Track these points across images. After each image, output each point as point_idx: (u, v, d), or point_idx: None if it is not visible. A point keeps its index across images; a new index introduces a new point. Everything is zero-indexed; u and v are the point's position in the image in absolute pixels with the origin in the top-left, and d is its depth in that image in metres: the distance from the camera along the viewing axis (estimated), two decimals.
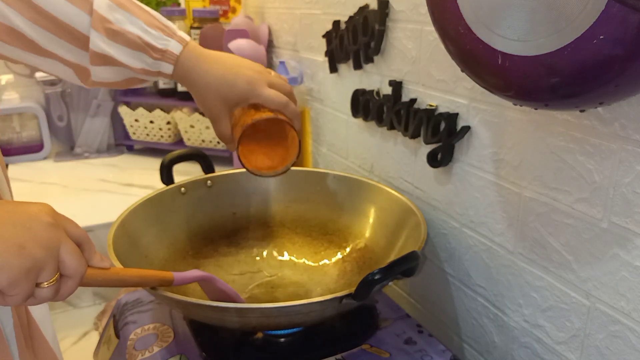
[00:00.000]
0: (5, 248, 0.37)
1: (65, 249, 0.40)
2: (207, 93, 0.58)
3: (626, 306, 0.49)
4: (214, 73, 0.57)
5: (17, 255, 0.37)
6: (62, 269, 0.41)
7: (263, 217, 0.83)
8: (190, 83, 0.58)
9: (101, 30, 0.52)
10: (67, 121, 1.47)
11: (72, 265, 0.41)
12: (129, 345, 0.64)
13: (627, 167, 0.46)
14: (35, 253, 0.38)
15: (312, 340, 0.63)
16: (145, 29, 0.54)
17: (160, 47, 0.55)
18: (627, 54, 0.36)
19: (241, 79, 0.57)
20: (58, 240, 0.40)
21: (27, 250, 0.38)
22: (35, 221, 0.39)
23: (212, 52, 0.59)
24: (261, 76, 0.58)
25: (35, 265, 0.38)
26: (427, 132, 0.70)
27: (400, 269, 0.52)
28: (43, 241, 0.39)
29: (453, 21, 0.47)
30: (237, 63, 0.58)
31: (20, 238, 0.38)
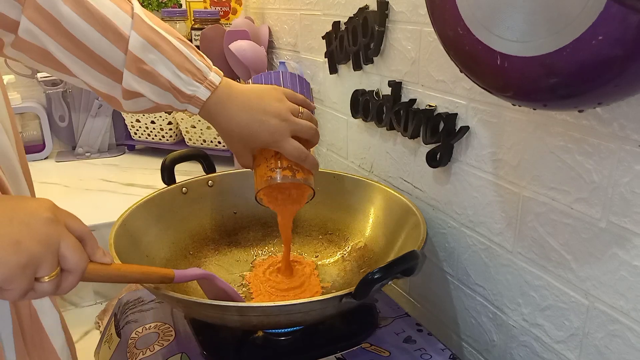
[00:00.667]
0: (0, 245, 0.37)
1: (66, 244, 0.41)
2: (231, 137, 0.58)
3: (625, 305, 0.49)
4: (239, 121, 0.57)
5: (12, 251, 0.37)
6: (63, 264, 0.41)
7: (264, 217, 0.84)
8: (215, 125, 0.58)
9: (134, 70, 0.52)
10: (68, 121, 1.48)
11: (73, 260, 0.41)
12: (130, 344, 0.65)
13: (625, 167, 0.47)
14: (32, 248, 0.38)
15: (312, 339, 0.63)
16: (176, 73, 0.53)
17: (188, 93, 0.55)
18: (626, 54, 0.36)
19: (265, 129, 0.57)
20: (58, 235, 0.40)
21: (23, 246, 0.38)
22: (34, 217, 0.39)
23: (239, 95, 0.57)
24: (285, 125, 0.57)
25: (32, 261, 0.38)
26: (427, 132, 0.70)
27: (399, 269, 0.52)
28: (41, 237, 0.39)
29: (452, 22, 0.47)
30: (263, 108, 0.57)
31: (17, 234, 0.38)
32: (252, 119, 0.57)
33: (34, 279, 0.39)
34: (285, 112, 0.58)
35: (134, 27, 0.51)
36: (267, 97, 0.58)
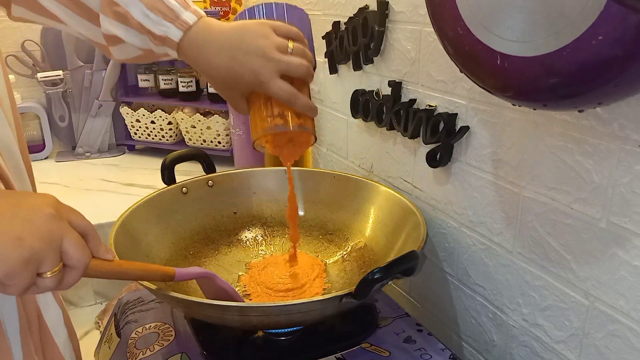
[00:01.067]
0: (2, 240, 0.37)
1: (68, 240, 0.41)
2: (215, 82, 0.55)
3: (625, 305, 0.49)
4: (218, 63, 0.53)
5: (14, 247, 0.37)
6: (66, 260, 0.41)
7: (264, 217, 0.84)
8: (196, 69, 0.55)
9: (109, 13, 0.51)
10: (68, 121, 1.48)
11: (75, 256, 0.41)
12: (130, 344, 0.65)
13: (625, 167, 0.47)
14: (34, 245, 0.38)
15: (312, 339, 0.63)
16: (145, 12, 0.51)
17: (158, 34, 0.52)
18: (626, 54, 0.36)
19: (247, 70, 0.52)
20: (60, 231, 0.40)
21: (25, 242, 0.38)
22: (37, 213, 0.39)
23: (218, 36, 0.53)
24: (270, 64, 0.52)
25: (34, 257, 0.38)
26: (427, 132, 0.70)
27: (399, 269, 0.52)
28: (44, 233, 0.39)
29: (452, 22, 0.47)
30: (244, 48, 0.52)
31: (19, 230, 0.38)
32: (232, 61, 0.52)
33: (36, 274, 0.39)
34: (270, 49, 0.52)
35: None
36: (249, 35, 0.53)
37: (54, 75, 1.39)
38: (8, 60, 1.38)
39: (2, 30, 1.38)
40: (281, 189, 0.85)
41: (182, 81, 1.35)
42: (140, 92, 1.46)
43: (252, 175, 0.85)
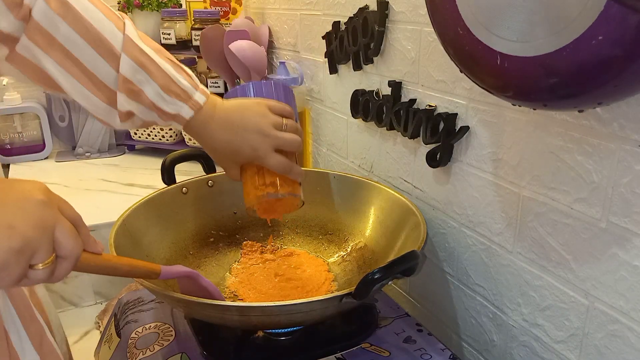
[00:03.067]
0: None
1: (61, 228, 0.39)
2: (215, 154, 0.60)
3: (625, 305, 0.49)
4: (221, 139, 0.58)
5: (6, 236, 0.35)
6: (58, 250, 0.39)
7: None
8: (199, 142, 0.60)
9: (124, 91, 0.54)
10: (68, 121, 1.48)
11: (68, 245, 0.39)
12: (130, 344, 0.65)
13: (625, 167, 0.47)
14: (27, 233, 0.36)
15: (312, 339, 0.63)
16: (160, 94, 0.55)
17: (171, 113, 0.56)
18: (626, 54, 0.36)
19: (247, 146, 0.57)
20: (53, 219, 0.38)
21: (17, 230, 0.36)
22: (28, 200, 0.37)
23: (222, 114, 0.58)
24: (267, 140, 0.58)
25: (28, 246, 0.37)
26: (427, 132, 0.70)
27: (399, 268, 0.52)
28: (36, 221, 0.37)
29: (452, 22, 0.47)
30: (244, 125, 0.58)
31: (10, 218, 0.36)
32: (233, 137, 0.57)
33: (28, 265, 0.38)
34: (268, 127, 0.58)
35: (123, 49, 0.52)
36: (249, 114, 0.58)
37: None
38: None
39: None
40: None
41: None
42: None
43: None
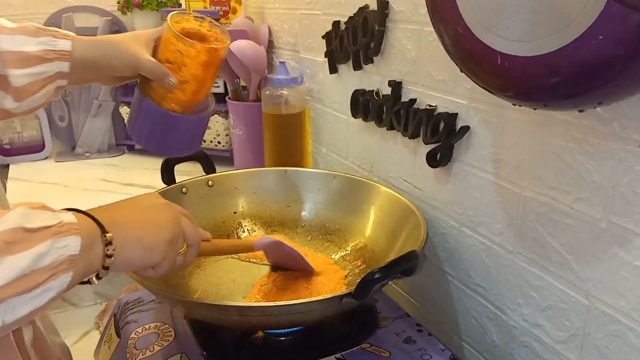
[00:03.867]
0: (150, 230, 0.45)
1: (185, 222, 0.49)
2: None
3: (626, 306, 0.49)
4: None
5: (159, 232, 0.46)
6: (186, 239, 0.49)
7: (263, 217, 0.84)
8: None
9: None
10: (68, 121, 1.47)
11: (192, 234, 0.50)
12: (130, 344, 0.65)
13: (626, 167, 0.47)
14: (171, 227, 0.47)
15: (312, 339, 0.63)
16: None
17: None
18: (627, 54, 0.36)
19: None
20: (178, 215, 0.49)
21: (164, 227, 0.46)
22: (159, 205, 0.48)
23: None
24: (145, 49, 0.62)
25: (174, 237, 0.47)
26: (427, 132, 0.70)
27: (399, 269, 0.52)
28: (172, 218, 0.47)
29: (452, 22, 0.47)
30: None
31: (156, 219, 0.46)
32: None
33: (176, 253, 0.48)
34: None
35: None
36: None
37: None
38: None
39: None
40: (281, 189, 0.85)
41: None
42: None
43: (252, 175, 0.85)
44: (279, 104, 1.03)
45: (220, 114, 1.30)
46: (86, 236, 0.40)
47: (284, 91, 1.02)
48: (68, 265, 0.38)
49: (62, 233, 0.38)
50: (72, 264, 0.38)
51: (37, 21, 1.38)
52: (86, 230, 0.40)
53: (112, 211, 0.45)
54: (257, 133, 1.12)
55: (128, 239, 0.44)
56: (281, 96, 1.02)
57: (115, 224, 0.43)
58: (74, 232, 0.39)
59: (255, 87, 1.14)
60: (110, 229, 0.42)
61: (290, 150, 1.05)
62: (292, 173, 0.85)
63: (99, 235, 0.41)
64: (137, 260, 0.45)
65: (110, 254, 0.42)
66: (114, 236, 0.42)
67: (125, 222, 0.45)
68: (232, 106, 1.17)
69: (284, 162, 1.04)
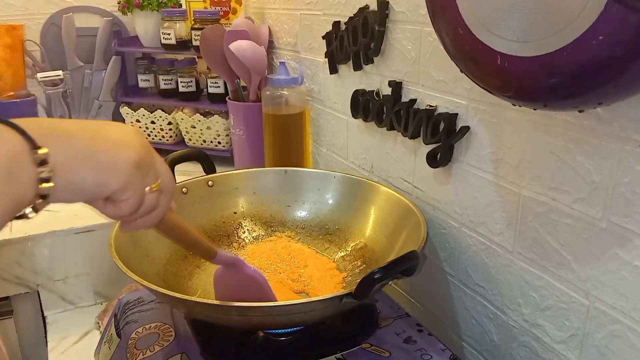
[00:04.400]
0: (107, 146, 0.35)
1: (159, 161, 0.39)
2: None
3: (625, 305, 0.49)
4: None
5: (121, 150, 0.35)
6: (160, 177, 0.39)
7: (264, 217, 0.84)
8: None
9: None
10: None
11: (168, 177, 0.40)
12: (130, 344, 0.65)
13: (626, 167, 0.47)
14: (138, 148, 0.36)
15: (312, 339, 0.63)
16: None
17: None
18: (627, 54, 0.36)
19: None
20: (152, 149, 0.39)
21: (129, 146, 0.36)
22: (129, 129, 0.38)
23: None
24: None
25: (142, 162, 0.36)
26: (427, 133, 0.70)
27: (400, 269, 0.52)
28: (142, 142, 0.37)
29: (452, 22, 0.47)
30: None
31: (121, 137, 0.36)
32: None
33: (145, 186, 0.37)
34: None
35: None
36: None
37: (53, 75, 1.39)
38: None
39: None
40: (281, 189, 0.85)
41: (182, 81, 1.35)
42: (140, 93, 1.45)
43: (252, 175, 0.85)
44: (279, 104, 1.03)
45: (220, 114, 1.30)
46: (4, 157, 0.29)
47: (284, 91, 1.02)
48: None
49: None
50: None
51: (37, 21, 1.39)
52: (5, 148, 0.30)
53: (52, 121, 0.34)
54: (257, 133, 1.12)
55: (73, 154, 0.33)
56: (281, 96, 1.02)
57: (53, 136, 0.32)
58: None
59: (255, 88, 1.14)
60: (45, 142, 0.31)
61: (290, 151, 1.06)
62: (292, 173, 0.85)
63: (27, 152, 0.30)
64: (87, 185, 0.34)
65: (47, 177, 0.31)
66: (52, 152, 0.31)
67: (71, 133, 0.34)
68: (232, 106, 1.17)
69: (284, 162, 1.04)
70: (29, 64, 1.40)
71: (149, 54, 1.45)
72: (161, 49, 1.33)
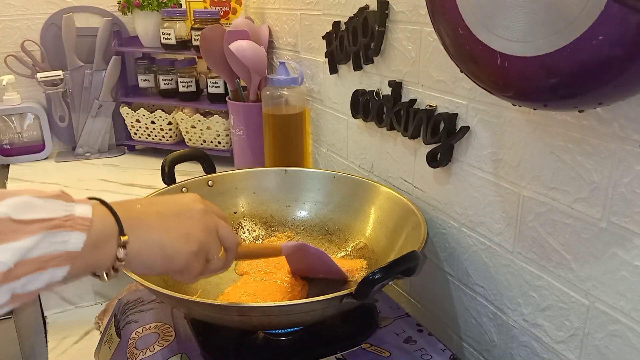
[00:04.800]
0: (175, 238, 0.44)
1: (222, 228, 0.48)
2: None
3: (625, 305, 0.49)
4: None
5: (185, 242, 0.44)
6: (224, 244, 0.49)
7: (264, 217, 0.84)
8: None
9: None
10: (68, 121, 1.47)
11: (230, 239, 0.50)
12: (130, 344, 0.65)
13: (626, 167, 0.47)
14: (200, 237, 0.45)
15: (312, 339, 0.63)
16: None
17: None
18: (627, 54, 0.36)
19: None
20: (214, 223, 0.48)
21: (192, 236, 0.45)
22: (193, 210, 0.46)
23: None
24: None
25: (202, 248, 0.46)
26: (427, 133, 0.70)
27: (400, 269, 0.52)
28: (204, 226, 0.46)
29: (452, 22, 0.47)
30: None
31: (185, 227, 0.45)
32: None
33: (205, 262, 0.47)
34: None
35: None
36: None
37: (53, 75, 1.39)
38: (8, 60, 1.37)
39: (2, 30, 1.38)
40: (281, 189, 0.85)
41: (182, 81, 1.35)
42: (140, 92, 1.45)
43: (252, 175, 0.85)
44: (279, 104, 1.03)
45: (220, 114, 1.30)
46: (96, 234, 0.38)
47: (284, 91, 1.02)
48: (64, 260, 0.36)
49: (62, 227, 0.36)
50: (70, 260, 0.36)
51: (37, 21, 1.39)
52: (99, 227, 0.38)
53: (139, 209, 0.43)
54: (257, 133, 1.12)
55: (148, 243, 0.42)
56: (281, 96, 1.02)
57: (137, 226, 0.41)
58: (80, 227, 0.37)
59: (255, 88, 1.14)
60: (129, 230, 0.40)
61: (290, 151, 1.06)
62: (292, 173, 0.85)
63: (115, 235, 0.40)
64: (156, 266, 0.43)
65: (121, 258, 0.40)
66: (132, 239, 0.40)
67: (150, 225, 0.43)
68: (232, 106, 1.17)
69: (284, 162, 1.04)
70: (29, 64, 1.40)
71: (149, 54, 1.45)
72: (161, 49, 1.33)
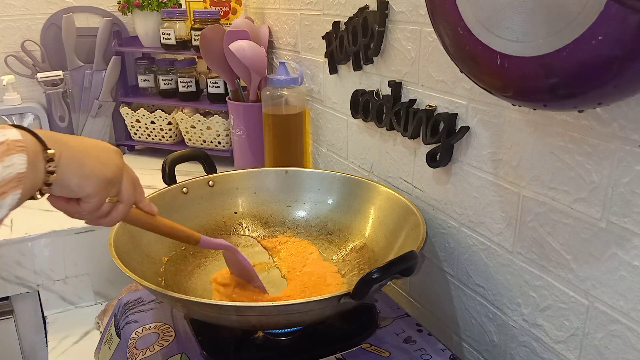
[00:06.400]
0: (93, 161, 0.46)
1: (126, 177, 0.50)
2: None
3: (625, 305, 0.49)
4: None
5: (102, 169, 0.46)
6: (119, 195, 0.50)
7: (264, 217, 0.84)
8: None
9: None
10: (68, 121, 1.47)
11: (128, 193, 0.51)
12: (130, 344, 0.65)
13: (625, 167, 0.47)
14: (113, 170, 0.47)
15: (312, 339, 0.63)
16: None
17: None
18: (626, 54, 0.36)
19: None
20: (124, 168, 0.50)
21: (108, 167, 0.47)
22: (112, 150, 0.49)
23: None
24: None
25: (113, 180, 0.47)
26: (427, 133, 0.70)
27: (398, 269, 0.52)
28: (118, 165, 0.48)
29: (452, 22, 0.47)
30: None
31: (103, 158, 0.47)
32: None
33: (107, 197, 0.48)
34: None
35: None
36: None
37: (53, 75, 1.39)
38: (8, 60, 1.37)
39: (2, 30, 1.38)
40: (281, 189, 0.85)
41: (182, 81, 1.35)
42: (140, 93, 1.45)
43: (252, 175, 0.85)
44: (279, 105, 1.03)
45: (220, 114, 1.30)
46: (31, 153, 0.39)
47: (284, 91, 1.02)
48: (17, 183, 0.38)
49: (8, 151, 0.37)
50: (21, 181, 0.38)
51: (37, 21, 1.39)
52: (31, 147, 0.40)
53: (57, 133, 0.45)
54: (257, 133, 1.13)
55: (69, 159, 0.43)
56: (281, 96, 1.02)
57: (58, 143, 0.43)
58: (20, 149, 0.38)
59: (255, 88, 1.14)
60: (52, 146, 0.42)
61: (290, 151, 1.06)
62: (292, 173, 0.85)
63: (41, 151, 0.41)
64: (72, 185, 0.44)
65: (52, 170, 0.42)
66: (56, 153, 0.42)
67: (69, 144, 0.44)
68: (232, 106, 1.17)
69: (284, 162, 1.04)
70: (29, 64, 1.40)
71: (149, 54, 1.45)
72: (161, 49, 1.33)
